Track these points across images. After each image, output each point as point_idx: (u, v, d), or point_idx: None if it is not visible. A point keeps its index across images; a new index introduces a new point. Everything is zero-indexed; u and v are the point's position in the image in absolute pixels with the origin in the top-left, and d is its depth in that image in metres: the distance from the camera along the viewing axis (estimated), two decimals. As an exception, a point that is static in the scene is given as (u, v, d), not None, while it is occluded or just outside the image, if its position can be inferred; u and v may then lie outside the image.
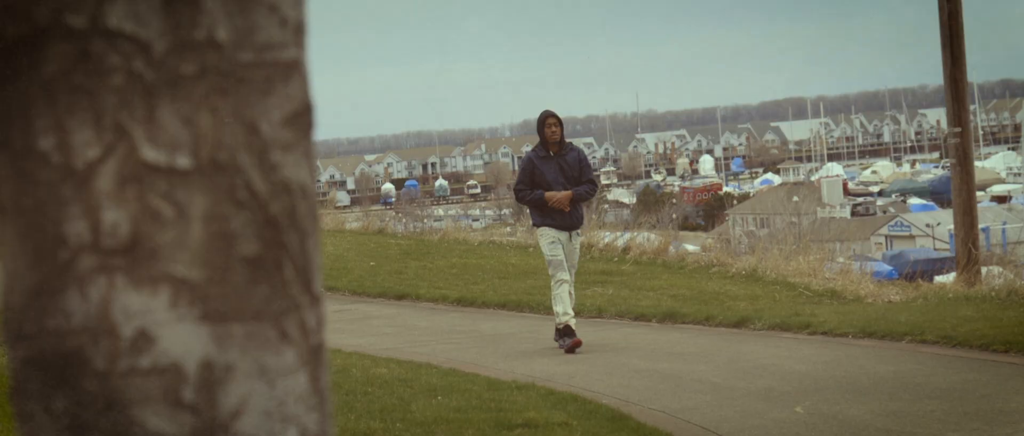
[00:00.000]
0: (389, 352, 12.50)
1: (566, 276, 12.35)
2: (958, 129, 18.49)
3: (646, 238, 21.86)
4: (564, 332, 12.42)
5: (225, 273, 1.64)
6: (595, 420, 8.68)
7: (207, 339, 1.64)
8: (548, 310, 15.54)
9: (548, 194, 12.31)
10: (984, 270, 18.34)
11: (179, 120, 1.64)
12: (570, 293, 12.40)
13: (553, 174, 12.43)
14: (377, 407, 8.92)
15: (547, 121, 12.57)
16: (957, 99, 18.64)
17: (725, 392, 9.94)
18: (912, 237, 72.61)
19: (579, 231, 12.62)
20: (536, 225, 12.62)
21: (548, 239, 12.40)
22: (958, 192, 18.48)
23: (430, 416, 8.66)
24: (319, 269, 1.74)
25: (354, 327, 14.90)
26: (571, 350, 12.24)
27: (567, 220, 12.41)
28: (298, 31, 1.72)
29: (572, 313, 12.43)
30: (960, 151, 18.44)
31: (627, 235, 22.25)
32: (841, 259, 26.49)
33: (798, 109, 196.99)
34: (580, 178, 12.51)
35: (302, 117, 1.73)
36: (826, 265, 18.77)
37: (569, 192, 12.32)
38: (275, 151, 1.68)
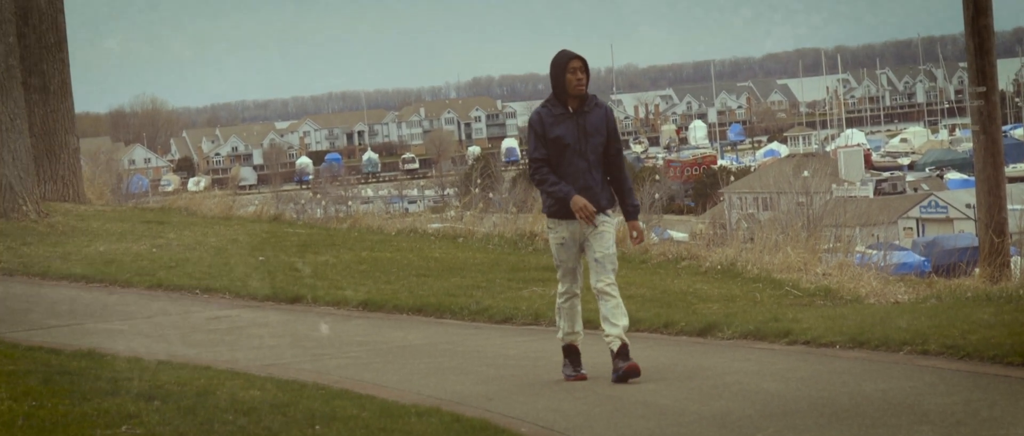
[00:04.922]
0: (270, 369, 12.47)
1: (574, 288, 11.65)
2: (982, 88, 18.61)
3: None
4: (567, 353, 11.80)
5: None
6: (504, 455, 8.69)
7: None
8: (474, 316, 15.54)
9: (575, 199, 11.33)
10: (1015, 262, 18.47)
11: None
12: (617, 305, 11.40)
13: (572, 137, 11.45)
14: (236, 441, 8.88)
15: (570, 65, 11.42)
16: (982, 53, 18.75)
17: (672, 417, 9.96)
18: (949, 220, 72.99)
19: (610, 212, 11.66)
20: (548, 213, 11.72)
21: (557, 238, 11.63)
22: (982, 165, 18.60)
23: (300, 451, 8.64)
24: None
25: (231, 338, 14.86)
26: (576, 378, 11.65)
27: (591, 202, 11.45)
28: None
29: (622, 328, 11.42)
30: (984, 115, 18.55)
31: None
32: (860, 248, 26.55)
33: (811, 63, 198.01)
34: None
35: None
36: (822, 257, 18.84)
37: (593, 209, 11.34)
38: None
